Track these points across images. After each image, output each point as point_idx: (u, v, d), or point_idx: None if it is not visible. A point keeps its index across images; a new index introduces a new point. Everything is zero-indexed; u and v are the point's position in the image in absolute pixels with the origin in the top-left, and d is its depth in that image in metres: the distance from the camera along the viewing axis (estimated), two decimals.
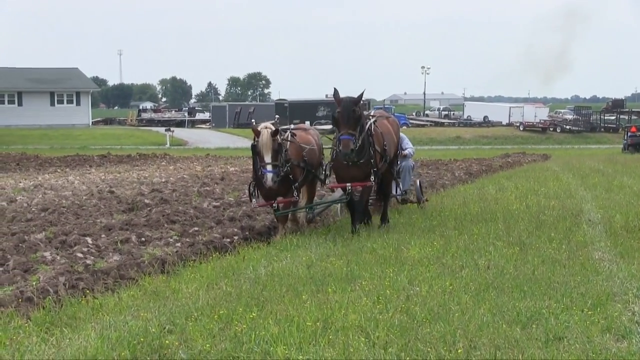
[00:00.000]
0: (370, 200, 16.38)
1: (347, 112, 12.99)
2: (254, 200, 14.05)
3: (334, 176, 14.71)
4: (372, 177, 13.91)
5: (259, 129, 13.14)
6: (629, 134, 53.47)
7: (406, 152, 16.71)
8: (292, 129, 14.73)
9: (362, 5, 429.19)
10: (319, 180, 15.10)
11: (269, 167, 12.64)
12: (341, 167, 13.61)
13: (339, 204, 16.16)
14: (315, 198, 16.11)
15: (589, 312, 8.70)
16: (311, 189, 15.45)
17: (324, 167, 14.83)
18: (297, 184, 13.85)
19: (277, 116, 74.74)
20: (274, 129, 13.26)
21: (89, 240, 12.75)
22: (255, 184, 13.70)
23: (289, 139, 13.92)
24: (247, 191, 15.33)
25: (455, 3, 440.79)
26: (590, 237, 14.32)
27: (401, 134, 17.01)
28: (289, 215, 14.67)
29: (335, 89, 14.03)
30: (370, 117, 14.61)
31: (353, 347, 7.38)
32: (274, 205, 13.66)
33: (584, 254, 12.44)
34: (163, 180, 26.04)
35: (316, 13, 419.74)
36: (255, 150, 13.03)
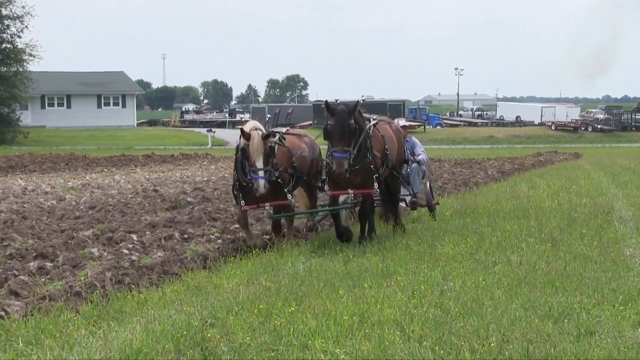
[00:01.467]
0: (379, 208, 15.48)
1: (342, 125, 11.56)
2: (242, 203, 12.38)
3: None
4: (375, 184, 12.62)
5: (248, 130, 11.85)
6: None
7: (419, 157, 15.42)
8: (283, 133, 13.27)
9: (398, 8, 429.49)
10: (317, 187, 13.76)
11: (261, 173, 11.41)
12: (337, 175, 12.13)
13: (345, 211, 14.70)
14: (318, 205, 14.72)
15: (620, 308, 8.63)
16: (311, 196, 14.20)
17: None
18: (287, 187, 12.57)
19: (314, 121, 76.23)
20: (264, 131, 12.14)
21: (134, 237, 12.92)
22: (239, 186, 12.29)
23: (277, 143, 12.55)
24: (232, 195, 13.68)
25: (487, 6, 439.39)
26: (621, 234, 14.20)
27: (414, 139, 16.07)
28: (286, 223, 13.52)
29: (326, 101, 12.70)
30: (372, 119, 13.32)
31: (388, 340, 7.37)
32: (267, 208, 12.36)
33: (615, 251, 12.35)
34: (205, 179, 26.24)
35: (353, 16, 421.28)
36: (245, 154, 11.69)
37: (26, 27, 67.30)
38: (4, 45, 66.25)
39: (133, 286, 9.83)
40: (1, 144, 58.17)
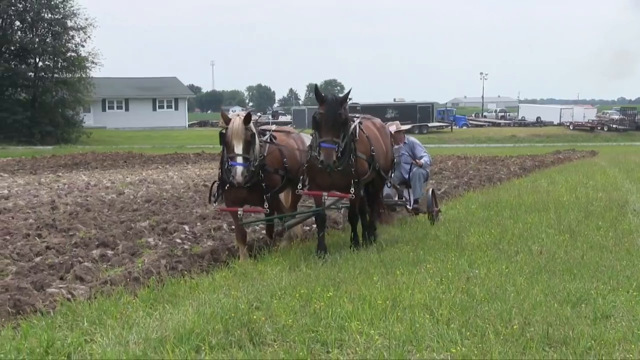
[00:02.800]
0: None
1: (332, 115, 9.81)
2: (214, 202, 10.89)
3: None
4: (352, 189, 10.54)
5: (229, 115, 10.23)
6: None
7: (422, 161, 13.76)
8: (273, 131, 11.39)
9: (427, 15, 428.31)
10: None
11: (239, 159, 9.63)
12: (318, 173, 10.35)
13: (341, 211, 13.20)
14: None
15: (634, 293, 8.68)
16: (295, 196, 12.17)
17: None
18: (269, 193, 10.53)
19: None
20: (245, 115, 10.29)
21: (187, 227, 13.08)
22: (220, 184, 10.50)
23: (267, 141, 10.83)
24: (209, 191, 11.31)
25: (511, 12, 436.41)
26: (635, 226, 14.19)
27: (413, 139, 14.42)
28: (284, 232, 11.76)
29: (315, 85, 11.14)
30: (355, 118, 11.50)
31: (419, 322, 7.43)
32: (239, 213, 10.52)
33: (629, 241, 12.39)
34: None
35: (385, 23, 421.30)
36: (224, 139, 9.93)
37: (89, 37, 67.94)
38: (69, 54, 67.07)
39: (185, 272, 9.99)
40: (66, 144, 59.68)
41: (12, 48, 66.37)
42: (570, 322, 7.43)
